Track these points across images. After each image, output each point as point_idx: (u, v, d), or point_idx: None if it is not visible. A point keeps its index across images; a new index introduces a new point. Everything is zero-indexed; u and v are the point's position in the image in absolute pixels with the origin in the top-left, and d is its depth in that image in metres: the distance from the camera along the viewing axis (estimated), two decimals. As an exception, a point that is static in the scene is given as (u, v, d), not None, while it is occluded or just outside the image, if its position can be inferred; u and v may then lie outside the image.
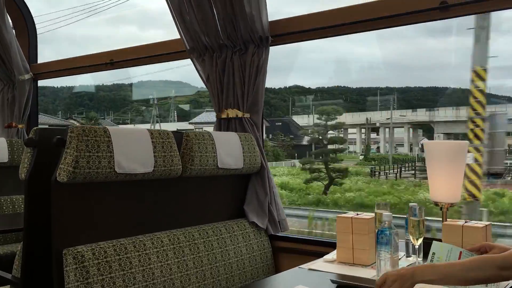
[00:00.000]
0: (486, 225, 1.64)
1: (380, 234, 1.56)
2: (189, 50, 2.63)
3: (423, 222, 1.69)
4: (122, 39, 62.27)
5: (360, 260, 1.80)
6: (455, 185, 1.92)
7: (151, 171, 1.86)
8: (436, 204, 1.95)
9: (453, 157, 1.89)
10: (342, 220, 1.86)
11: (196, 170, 2.08)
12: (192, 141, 2.07)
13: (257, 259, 2.30)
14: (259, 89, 2.46)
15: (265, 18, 2.44)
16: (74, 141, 1.64)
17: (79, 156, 1.63)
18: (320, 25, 2.41)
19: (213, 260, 2.07)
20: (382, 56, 40.04)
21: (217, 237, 2.14)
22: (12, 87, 3.91)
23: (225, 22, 2.45)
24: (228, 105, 2.50)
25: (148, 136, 1.87)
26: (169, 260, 1.88)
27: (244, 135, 2.37)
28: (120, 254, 1.73)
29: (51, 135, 1.72)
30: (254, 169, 2.40)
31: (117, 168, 1.74)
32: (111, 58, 3.38)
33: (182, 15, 2.56)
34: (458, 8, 2.03)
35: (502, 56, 27.01)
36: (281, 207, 2.52)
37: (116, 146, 1.74)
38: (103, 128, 1.74)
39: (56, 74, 3.93)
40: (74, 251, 1.64)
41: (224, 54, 2.51)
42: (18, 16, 4.06)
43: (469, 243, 1.60)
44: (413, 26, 5.30)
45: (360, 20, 2.29)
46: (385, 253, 1.55)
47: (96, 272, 1.64)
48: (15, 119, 3.85)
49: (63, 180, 1.63)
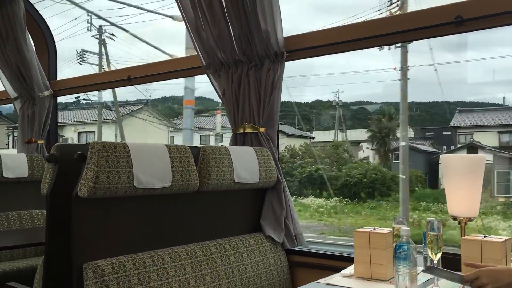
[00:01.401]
0: (506, 240, 1.63)
1: (398, 249, 1.55)
2: (206, 66, 2.67)
3: (441, 236, 1.68)
4: (139, 57, 62.85)
5: (378, 275, 1.79)
6: (473, 199, 1.91)
7: (169, 185, 1.88)
8: (454, 218, 1.93)
9: (471, 171, 1.88)
10: (359, 234, 1.85)
11: (213, 185, 2.10)
12: (209, 156, 2.10)
13: (273, 274, 2.30)
14: (275, 104, 2.49)
15: (280, 34, 2.47)
16: (94, 156, 1.68)
17: (99, 172, 1.67)
18: (334, 40, 2.43)
19: (230, 274, 2.07)
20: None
21: (234, 251, 2.15)
22: (32, 104, 4.00)
23: (240, 38, 2.49)
24: (244, 120, 2.53)
25: (166, 151, 1.90)
26: (186, 274, 1.89)
27: (260, 150, 2.39)
28: (139, 268, 1.75)
29: (72, 151, 1.76)
30: (270, 184, 2.42)
31: (136, 183, 1.77)
32: (129, 75, 3.44)
33: (198, 31, 2.61)
34: (473, 23, 2.03)
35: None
36: (298, 221, 2.52)
37: (135, 161, 1.77)
38: (122, 143, 1.78)
39: (75, 90, 4.01)
40: (94, 265, 1.66)
41: (239, 70, 2.54)
42: (39, 34, 4.17)
43: (489, 258, 1.59)
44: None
45: (375, 35, 2.30)
46: (404, 268, 1.54)
47: (116, 286, 1.66)
48: (35, 135, 3.93)
49: (84, 195, 1.66)
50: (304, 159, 18.82)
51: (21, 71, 3.91)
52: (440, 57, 33.77)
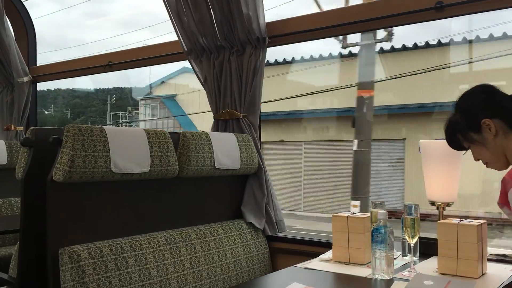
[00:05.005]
0: (482, 224, 1.64)
1: (375, 232, 1.56)
2: (187, 51, 2.64)
3: (418, 220, 1.69)
4: (134, 44, 61.52)
5: (356, 259, 1.80)
6: (452, 185, 1.93)
7: (147, 171, 1.86)
8: (432, 203, 1.95)
9: (449, 157, 1.89)
10: (338, 219, 1.86)
11: (193, 171, 2.08)
12: (189, 142, 2.08)
13: (254, 260, 2.30)
14: (256, 90, 2.47)
15: (262, 19, 2.45)
16: (70, 140, 1.65)
17: (75, 156, 1.64)
18: (316, 26, 2.42)
19: (210, 260, 2.07)
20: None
21: (214, 237, 2.14)
22: (11, 90, 3.92)
23: (222, 23, 2.46)
24: (226, 106, 2.51)
25: (144, 136, 1.88)
26: (165, 260, 1.88)
27: (241, 136, 2.38)
28: (116, 254, 1.73)
29: (48, 134, 1.72)
30: (251, 170, 2.41)
31: (113, 168, 1.74)
32: (109, 60, 3.39)
33: (180, 16, 2.57)
34: (453, 8, 2.04)
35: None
36: (279, 208, 2.52)
37: (113, 146, 1.74)
38: (99, 127, 1.75)
39: (55, 76, 3.94)
40: (70, 250, 1.64)
41: (221, 55, 2.52)
42: (17, 19, 4.08)
43: (465, 241, 1.60)
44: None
45: (356, 21, 2.30)
46: (381, 252, 1.55)
47: (92, 271, 1.64)
48: (14, 122, 3.86)
49: (59, 180, 1.64)
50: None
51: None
52: None
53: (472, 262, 1.60)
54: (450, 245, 1.62)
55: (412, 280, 1.47)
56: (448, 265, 1.63)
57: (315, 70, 11.02)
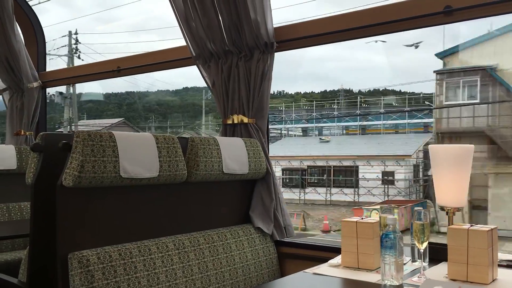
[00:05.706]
0: (492, 229, 1.63)
1: (385, 237, 1.55)
2: (195, 56, 2.65)
3: (427, 225, 1.67)
4: (142, 48, 61.89)
5: (365, 265, 1.79)
6: (461, 190, 1.91)
7: (156, 176, 1.86)
8: (442, 208, 1.93)
9: (459, 161, 1.88)
10: (347, 224, 1.85)
11: (201, 175, 2.08)
12: (197, 146, 2.08)
13: (262, 265, 2.29)
14: (264, 95, 2.47)
15: (270, 24, 2.45)
16: (79, 145, 1.66)
17: (84, 161, 1.65)
18: (325, 30, 2.42)
19: (218, 265, 2.06)
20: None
21: (222, 242, 2.14)
22: (21, 95, 3.96)
23: (230, 28, 2.47)
24: (234, 111, 2.51)
25: (153, 141, 1.88)
26: (174, 265, 1.88)
27: (249, 141, 2.38)
28: (125, 259, 1.73)
29: (58, 140, 1.74)
30: (259, 175, 2.41)
31: (122, 173, 1.75)
32: (118, 66, 3.41)
33: (188, 21, 2.59)
34: (462, 12, 2.03)
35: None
36: (287, 212, 2.52)
37: (122, 151, 1.75)
38: (108, 133, 1.76)
39: (64, 82, 3.97)
40: (79, 255, 1.64)
41: (229, 60, 2.53)
42: (27, 24, 4.12)
43: (475, 247, 1.59)
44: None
45: (364, 26, 2.29)
46: (390, 257, 1.54)
47: (101, 276, 1.65)
48: (24, 127, 3.90)
49: (69, 185, 1.65)
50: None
51: (9, 62, 3.87)
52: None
53: (482, 268, 1.58)
54: (460, 251, 1.61)
55: (422, 286, 1.46)
56: (458, 271, 1.62)
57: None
